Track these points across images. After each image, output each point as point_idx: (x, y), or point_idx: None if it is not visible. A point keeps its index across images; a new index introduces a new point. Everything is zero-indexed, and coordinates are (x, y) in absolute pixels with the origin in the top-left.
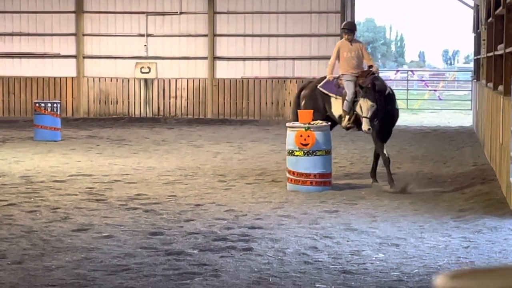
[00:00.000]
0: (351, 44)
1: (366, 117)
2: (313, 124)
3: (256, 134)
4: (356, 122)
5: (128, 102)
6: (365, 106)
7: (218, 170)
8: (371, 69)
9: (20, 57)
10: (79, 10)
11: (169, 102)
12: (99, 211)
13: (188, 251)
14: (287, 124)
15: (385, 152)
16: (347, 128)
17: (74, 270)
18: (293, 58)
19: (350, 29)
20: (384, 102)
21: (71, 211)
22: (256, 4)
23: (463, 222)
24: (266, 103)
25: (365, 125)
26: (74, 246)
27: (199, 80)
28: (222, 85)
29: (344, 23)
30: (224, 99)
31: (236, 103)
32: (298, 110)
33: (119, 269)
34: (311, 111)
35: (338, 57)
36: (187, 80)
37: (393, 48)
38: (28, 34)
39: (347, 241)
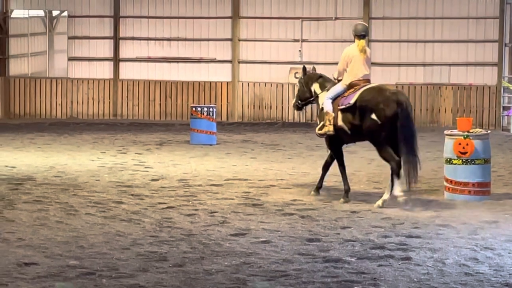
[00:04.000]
0: None
1: None
2: (472, 132)
3: None
4: None
5: (282, 107)
6: None
7: (372, 177)
8: None
9: (177, 62)
10: (235, 16)
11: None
12: (255, 216)
13: (345, 259)
14: (445, 132)
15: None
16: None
17: (234, 275)
18: (449, 64)
19: None
20: None
21: (228, 215)
22: (412, 10)
23: None
24: (421, 110)
25: None
26: (232, 250)
27: None
28: None
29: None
30: None
31: None
32: (458, 118)
33: (278, 275)
34: (471, 118)
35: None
36: None
37: None
38: (185, 39)
39: (509, 253)
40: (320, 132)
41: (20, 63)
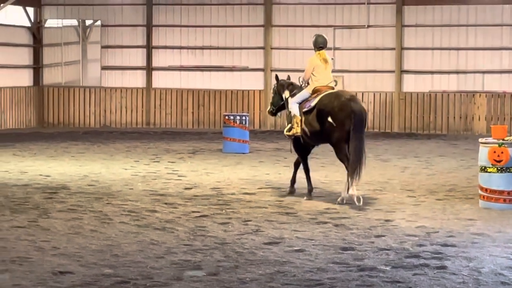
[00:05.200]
0: None
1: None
2: (507, 140)
3: (444, 149)
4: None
5: None
6: None
7: (406, 185)
8: None
9: (210, 70)
10: (268, 24)
11: None
12: (289, 225)
13: (380, 268)
14: (480, 140)
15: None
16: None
17: (268, 284)
18: (483, 72)
19: None
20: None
21: (262, 223)
22: (445, 17)
23: None
24: (454, 117)
25: None
26: (266, 259)
27: (386, 93)
28: (409, 99)
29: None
30: (411, 113)
31: (423, 117)
32: (492, 126)
33: (312, 284)
34: (505, 126)
35: None
36: (374, 94)
37: None
38: (218, 48)
39: None
40: (288, 133)
41: (54, 72)
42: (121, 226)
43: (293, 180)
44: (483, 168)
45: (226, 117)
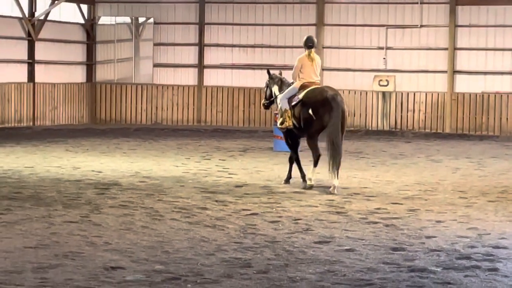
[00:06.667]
0: None
1: None
2: None
3: (496, 150)
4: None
5: (366, 114)
6: None
7: (458, 186)
8: None
9: (261, 69)
10: (320, 23)
11: (407, 116)
12: (339, 224)
13: (431, 269)
14: None
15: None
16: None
17: (318, 283)
18: None
19: None
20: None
21: (312, 222)
22: (499, 18)
23: None
24: (507, 119)
25: None
26: (316, 258)
27: (438, 94)
28: (462, 99)
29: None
30: (463, 114)
31: (475, 118)
32: None
33: (363, 284)
34: None
35: None
36: (426, 94)
37: None
38: (270, 46)
39: None
40: (281, 126)
41: (106, 69)
42: (172, 223)
43: (289, 175)
44: None
45: (277, 116)
